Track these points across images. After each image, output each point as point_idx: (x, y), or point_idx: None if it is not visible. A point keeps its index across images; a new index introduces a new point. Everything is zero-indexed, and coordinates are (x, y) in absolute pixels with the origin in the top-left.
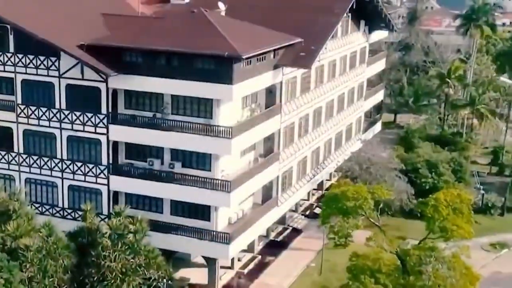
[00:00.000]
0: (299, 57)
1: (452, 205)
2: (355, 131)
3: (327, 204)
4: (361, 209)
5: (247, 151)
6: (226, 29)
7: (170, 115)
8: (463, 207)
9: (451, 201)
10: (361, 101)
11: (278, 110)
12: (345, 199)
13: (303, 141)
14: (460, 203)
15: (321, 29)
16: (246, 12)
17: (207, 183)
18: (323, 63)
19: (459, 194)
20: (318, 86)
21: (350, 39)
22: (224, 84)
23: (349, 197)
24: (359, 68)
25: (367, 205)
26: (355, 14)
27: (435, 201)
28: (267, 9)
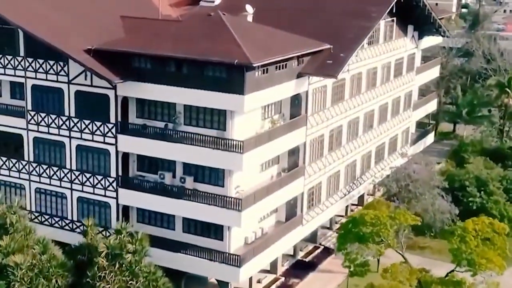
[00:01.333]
0: (326, 65)
1: (482, 235)
2: (401, 144)
3: (345, 229)
4: (378, 236)
5: (269, 165)
6: (243, 35)
7: (183, 125)
8: (496, 237)
9: (481, 230)
10: (409, 111)
11: (303, 121)
12: (362, 225)
13: (334, 155)
14: (492, 233)
15: (354, 35)
16: (275, 15)
17: (217, 200)
18: (360, 71)
19: (491, 223)
20: (354, 96)
21: (395, 45)
22: (235, 94)
23: (367, 222)
24: (406, 76)
25: (385, 232)
26: (401, 19)
27: (463, 230)
28: (297, 12)
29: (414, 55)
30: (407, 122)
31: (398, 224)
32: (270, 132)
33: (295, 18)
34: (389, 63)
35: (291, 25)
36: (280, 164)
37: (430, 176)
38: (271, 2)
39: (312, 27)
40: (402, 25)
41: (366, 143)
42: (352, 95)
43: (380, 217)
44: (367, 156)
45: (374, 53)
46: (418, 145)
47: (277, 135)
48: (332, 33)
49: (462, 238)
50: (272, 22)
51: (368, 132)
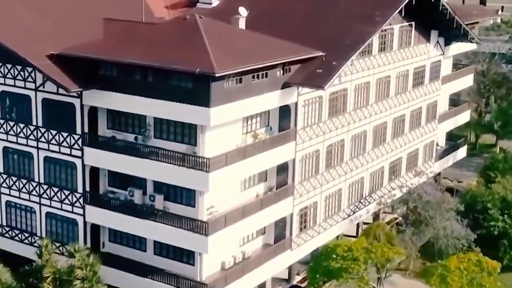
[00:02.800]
0: (315, 74)
1: (468, 274)
2: (423, 159)
3: (316, 262)
4: (347, 273)
5: (254, 183)
6: (218, 41)
7: (153, 139)
8: (485, 278)
9: (467, 269)
10: (433, 123)
11: (292, 136)
12: (332, 258)
13: (334, 172)
14: (480, 273)
15: (352, 41)
16: (278, 19)
17: (183, 222)
18: (368, 80)
19: (479, 261)
20: (360, 107)
21: (413, 52)
22: (200, 107)
23: (338, 255)
24: (429, 86)
25: (356, 267)
26: (422, 24)
27: (444, 268)
28: (301, 15)
29: (440, 63)
30: (431, 135)
31: (374, 258)
32: (247, 148)
33: (296, 22)
34: (406, 71)
35: (291, 29)
36: (268, 182)
37: (443, 197)
38: (276, 5)
39: (312, 31)
40: (423, 30)
41: (377, 158)
42: (357, 106)
43: (353, 250)
44: (379, 173)
45: (386, 60)
46: (445, 160)
47: (257, 151)
48: (331, 38)
49: (443, 278)
50: (271, 25)
51: (379, 147)
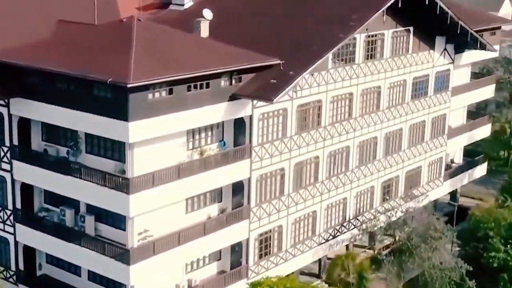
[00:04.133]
0: (268, 85)
1: None
2: (428, 177)
3: None
4: None
5: (204, 204)
6: (151, 47)
7: (84, 153)
8: None
9: None
10: (440, 139)
11: (246, 153)
12: None
13: (306, 193)
14: None
15: (319, 47)
16: (248, 21)
17: (106, 248)
18: (350, 91)
19: None
20: (339, 121)
21: (412, 60)
22: (118, 120)
23: None
24: (435, 97)
25: None
26: (423, 29)
27: None
28: (275, 16)
29: (449, 72)
30: (438, 151)
31: None
32: (183, 167)
33: (267, 24)
34: (403, 81)
35: (259, 32)
36: (222, 203)
37: (430, 224)
38: (250, 5)
39: (281, 35)
40: (424, 37)
41: (364, 177)
42: (335, 120)
43: None
44: (368, 194)
45: (375, 69)
46: (459, 179)
47: (197, 169)
48: (299, 43)
49: None
50: (239, 29)
51: (368, 165)
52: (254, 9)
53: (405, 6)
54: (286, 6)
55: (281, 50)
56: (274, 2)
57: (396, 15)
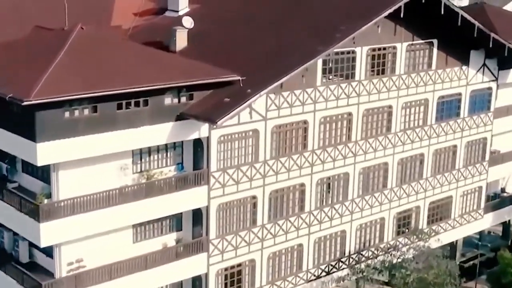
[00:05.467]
0: (220, 104)
1: None
2: (462, 209)
3: None
4: None
5: (160, 234)
6: (82, 59)
7: (21, 172)
8: None
9: None
10: (479, 166)
11: (203, 179)
12: None
13: (287, 225)
14: None
15: (293, 62)
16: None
17: (25, 281)
18: (348, 111)
19: None
20: (333, 145)
21: (437, 77)
22: (27, 140)
23: None
24: (471, 119)
25: None
26: (451, 42)
27: None
28: (262, 22)
29: (491, 91)
30: (475, 180)
31: None
32: (112, 193)
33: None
34: (424, 100)
35: (242, 41)
36: (183, 232)
37: (429, 266)
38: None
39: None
40: (454, 50)
41: (370, 208)
42: (328, 143)
43: None
44: (376, 226)
45: (384, 86)
46: (508, 211)
47: (133, 197)
48: (273, 56)
49: None
50: (224, 36)
51: (375, 194)
52: (248, 15)
53: (424, 16)
54: (273, 11)
55: (255, 63)
56: (270, 9)
57: (413, 26)
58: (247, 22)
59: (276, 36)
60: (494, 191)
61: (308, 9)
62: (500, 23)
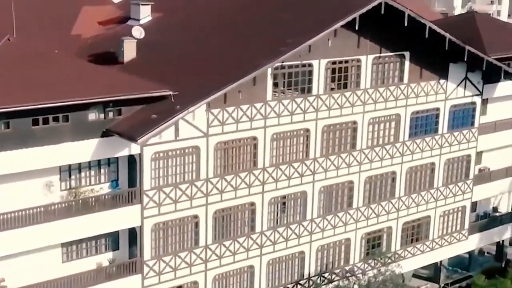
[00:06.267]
0: (147, 121)
1: None
2: (443, 230)
3: None
4: None
5: (92, 253)
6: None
7: None
8: None
9: None
10: (463, 184)
11: (136, 197)
12: None
13: (235, 246)
14: None
15: (232, 76)
16: (190, 38)
17: None
18: (306, 127)
19: None
20: (287, 162)
21: (410, 91)
22: None
23: None
24: (451, 135)
25: None
26: (429, 55)
27: None
28: (220, 35)
29: (475, 106)
30: (458, 199)
31: None
32: (36, 211)
33: (206, 44)
34: (395, 116)
35: (189, 53)
36: (119, 252)
37: None
38: (208, 24)
39: (209, 59)
40: (429, 63)
41: (332, 228)
42: (282, 161)
43: None
44: (340, 247)
45: (346, 101)
46: (498, 232)
47: (64, 214)
48: (217, 70)
49: None
50: (175, 48)
51: (339, 214)
52: (206, 28)
53: (392, 28)
54: (240, 25)
55: (198, 76)
56: (231, 21)
57: (380, 38)
58: (203, 35)
59: (226, 49)
60: (484, 211)
61: (266, 22)
62: (489, 34)
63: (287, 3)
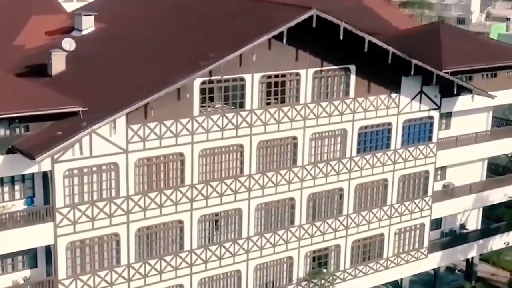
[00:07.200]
0: (52, 138)
1: None
2: (398, 248)
3: None
4: None
5: (9, 269)
6: None
7: None
8: None
9: None
10: (420, 201)
11: (49, 215)
12: None
13: (161, 264)
14: None
15: (143, 93)
16: (122, 51)
17: None
18: (240, 143)
19: None
20: (219, 179)
21: (357, 106)
22: None
23: None
24: (406, 151)
25: None
26: (378, 68)
27: None
28: (154, 48)
29: (431, 120)
30: (416, 216)
31: None
32: None
33: (134, 59)
34: (341, 131)
35: (118, 68)
36: (38, 269)
37: None
38: (142, 35)
39: (131, 74)
40: (378, 77)
41: (271, 246)
42: (213, 178)
43: None
44: (282, 266)
45: (285, 116)
46: (463, 250)
47: None
48: (134, 86)
49: None
50: (106, 61)
51: (279, 232)
52: (142, 41)
53: (334, 41)
54: (172, 38)
55: (114, 92)
56: (168, 33)
57: (320, 51)
58: (133, 48)
59: (151, 64)
60: (451, 228)
61: (194, 37)
62: (451, 45)
63: (219, 17)
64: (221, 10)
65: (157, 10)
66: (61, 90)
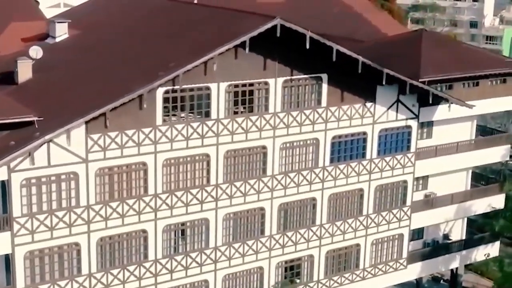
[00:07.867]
0: (5, 149)
1: None
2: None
3: None
4: None
5: None
6: None
7: None
8: None
9: None
10: (398, 211)
11: (6, 224)
12: None
13: (123, 274)
14: None
15: (98, 103)
16: (91, 59)
17: None
18: (206, 152)
19: None
20: (185, 188)
21: (330, 115)
22: None
23: None
24: (382, 161)
25: None
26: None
27: None
28: (122, 57)
29: (409, 130)
30: (394, 226)
31: None
32: None
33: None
34: (313, 140)
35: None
36: None
37: None
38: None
39: (95, 83)
40: (352, 86)
41: (240, 256)
42: (178, 187)
43: None
44: (252, 276)
45: (253, 126)
46: (444, 261)
47: None
48: (93, 96)
49: None
50: (73, 69)
51: (249, 242)
52: (111, 47)
53: (304, 50)
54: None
55: (74, 101)
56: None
57: (290, 60)
58: (100, 56)
59: (113, 73)
60: (433, 238)
61: (160, 46)
62: (433, 55)
63: (188, 24)
64: (192, 17)
65: (131, 17)
66: (24, 99)
